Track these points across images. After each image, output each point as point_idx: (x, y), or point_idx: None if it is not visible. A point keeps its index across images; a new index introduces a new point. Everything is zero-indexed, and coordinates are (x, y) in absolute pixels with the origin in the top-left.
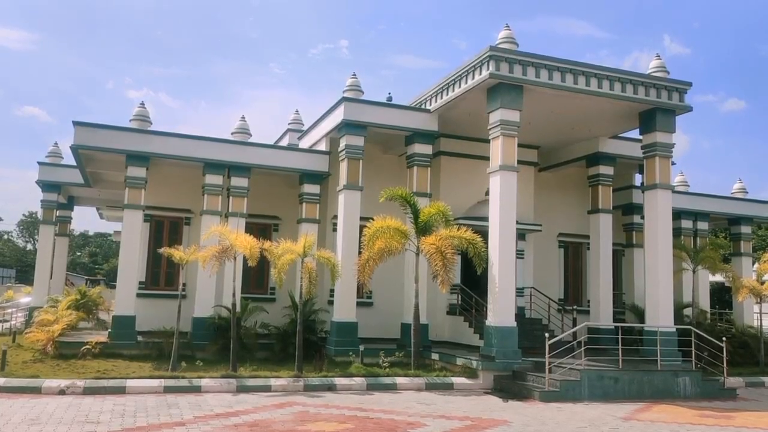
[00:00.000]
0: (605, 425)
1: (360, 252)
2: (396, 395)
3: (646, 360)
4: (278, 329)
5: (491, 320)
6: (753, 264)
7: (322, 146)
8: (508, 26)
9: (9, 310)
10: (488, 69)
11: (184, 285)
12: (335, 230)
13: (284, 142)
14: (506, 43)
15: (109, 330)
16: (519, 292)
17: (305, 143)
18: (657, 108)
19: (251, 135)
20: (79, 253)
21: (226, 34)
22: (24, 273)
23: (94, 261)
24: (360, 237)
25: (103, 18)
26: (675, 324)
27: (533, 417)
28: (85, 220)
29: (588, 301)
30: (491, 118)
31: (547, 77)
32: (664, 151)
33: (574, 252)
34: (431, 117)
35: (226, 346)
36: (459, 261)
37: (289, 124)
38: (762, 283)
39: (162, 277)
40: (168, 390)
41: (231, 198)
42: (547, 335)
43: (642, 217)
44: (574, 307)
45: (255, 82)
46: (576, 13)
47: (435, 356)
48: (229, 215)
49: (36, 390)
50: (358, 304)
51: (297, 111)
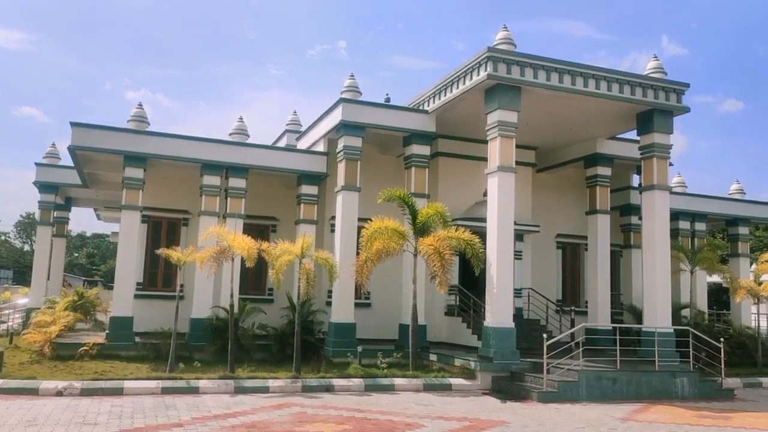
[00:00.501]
0: (603, 426)
1: (358, 253)
2: (394, 396)
3: (644, 361)
4: (276, 330)
5: (489, 321)
6: (750, 265)
7: (320, 147)
8: (506, 27)
9: (6, 312)
10: (486, 70)
11: (182, 286)
12: (333, 231)
13: (282, 143)
14: (504, 44)
15: (107, 331)
16: (517, 293)
17: (303, 144)
18: (654, 109)
19: (249, 136)
20: (77, 254)
21: (225, 35)
22: (21, 274)
23: (92, 262)
24: (358, 238)
25: (102, 19)
26: (673, 325)
27: (531, 418)
28: (83, 221)
29: (586, 302)
30: (489, 119)
31: (545, 78)
32: (662, 152)
33: (572, 253)
34: (429, 118)
35: (224, 347)
36: (457, 262)
37: (287, 125)
38: (759, 284)
39: (160, 278)
40: (166, 391)
41: (229, 199)
42: (545, 336)
43: (640, 218)
44: (572, 308)
45: (253, 83)
46: (574, 14)
47: (433, 357)
48: (227, 216)
49: (33, 391)
50: (356, 305)
51: (295, 112)
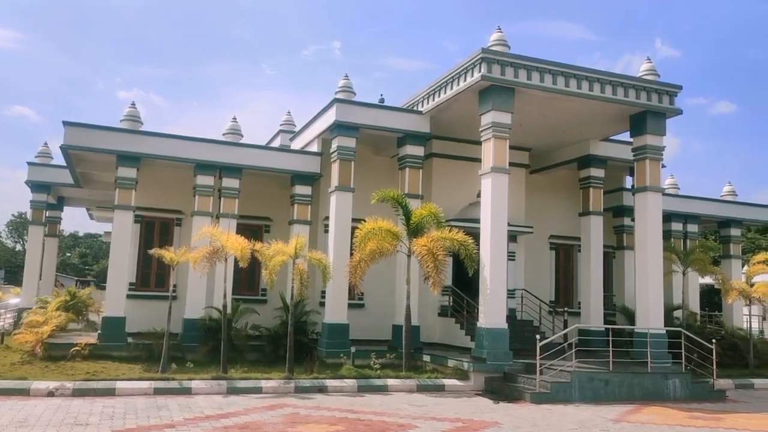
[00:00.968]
0: (595, 427)
1: (351, 253)
2: (387, 397)
3: (637, 362)
4: (269, 331)
5: (482, 322)
6: (742, 266)
7: (314, 147)
8: (500, 29)
9: None
10: (480, 71)
11: (175, 286)
12: (327, 232)
13: (276, 144)
14: (498, 46)
15: (99, 331)
16: (510, 294)
17: (297, 144)
18: (647, 111)
19: (243, 136)
20: (69, 254)
21: (218, 35)
22: (13, 274)
23: (84, 262)
24: (352, 238)
25: (94, 18)
26: (665, 326)
27: (524, 419)
28: (75, 221)
29: (579, 303)
30: (483, 120)
31: (539, 80)
32: (655, 154)
33: (565, 254)
34: (423, 119)
35: (217, 348)
36: (450, 263)
37: (281, 126)
38: (751, 286)
39: (152, 279)
40: (158, 392)
41: (222, 199)
42: (538, 337)
43: (632, 220)
44: (565, 309)
45: (247, 83)
46: (568, 16)
47: (426, 358)
48: (221, 216)
49: (24, 392)
50: (350, 306)
51: (289, 112)
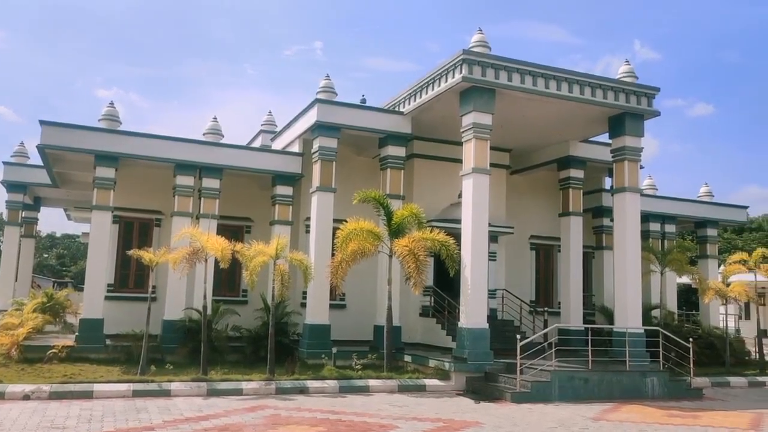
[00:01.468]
0: (575, 425)
1: (333, 254)
2: (368, 397)
3: (616, 361)
4: (250, 332)
5: (463, 322)
6: (719, 266)
7: (295, 148)
8: (481, 30)
9: None
10: (461, 72)
11: (154, 287)
12: (308, 232)
13: (257, 144)
14: (479, 47)
15: (77, 333)
16: (491, 294)
17: (278, 145)
18: (626, 112)
19: (223, 136)
20: (47, 255)
21: (199, 34)
22: None
23: (62, 263)
24: (333, 239)
25: (73, 16)
26: (643, 325)
27: (505, 418)
28: (53, 222)
29: (559, 303)
30: (464, 121)
31: (519, 81)
32: (633, 155)
33: (546, 254)
34: (405, 119)
35: (197, 350)
36: (432, 263)
37: (262, 126)
38: (727, 285)
39: (131, 280)
40: (137, 394)
41: (202, 199)
42: (519, 337)
43: (611, 220)
44: (546, 309)
45: (228, 83)
46: (549, 18)
47: (408, 358)
48: (201, 217)
49: None
50: (331, 307)
51: (270, 112)
